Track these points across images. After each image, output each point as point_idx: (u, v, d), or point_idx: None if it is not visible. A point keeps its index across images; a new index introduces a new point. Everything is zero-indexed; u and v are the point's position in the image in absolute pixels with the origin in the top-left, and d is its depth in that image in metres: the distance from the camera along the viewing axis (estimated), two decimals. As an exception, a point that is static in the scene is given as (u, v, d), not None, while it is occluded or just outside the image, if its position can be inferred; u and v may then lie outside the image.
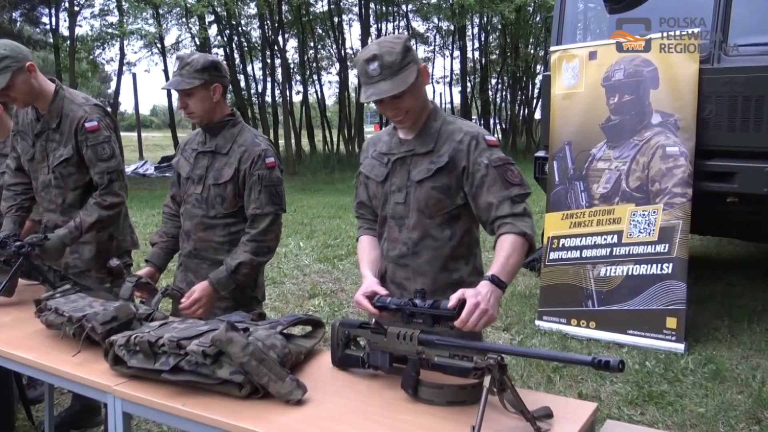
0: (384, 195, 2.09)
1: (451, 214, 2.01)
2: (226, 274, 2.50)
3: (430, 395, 1.69)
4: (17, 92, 2.70)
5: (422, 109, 2.02)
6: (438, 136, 2.00)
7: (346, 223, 9.90)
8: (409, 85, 1.89)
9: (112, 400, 1.89)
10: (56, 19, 19.84)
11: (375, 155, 2.15)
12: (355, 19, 25.06)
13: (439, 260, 2.03)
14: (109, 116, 2.93)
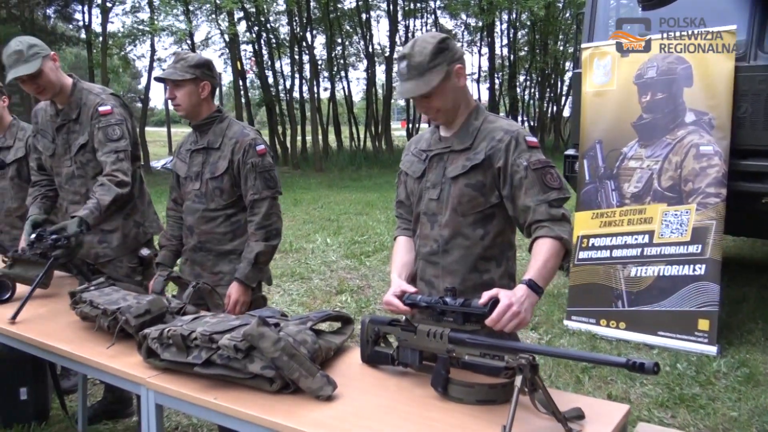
0: (419, 191, 2.08)
1: (485, 214, 1.98)
2: (249, 267, 2.60)
3: (460, 394, 1.68)
4: (45, 80, 2.78)
5: (454, 108, 1.99)
6: (477, 133, 1.98)
7: (373, 220, 9.91)
8: (432, 88, 1.87)
9: (146, 392, 1.92)
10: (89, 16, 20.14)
11: (415, 152, 2.14)
12: (383, 15, 25.07)
13: (470, 260, 2.00)
14: (125, 107, 2.99)
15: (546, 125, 27.64)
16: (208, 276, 2.70)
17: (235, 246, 2.68)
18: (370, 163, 21.10)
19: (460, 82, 1.97)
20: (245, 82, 22.63)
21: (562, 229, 1.85)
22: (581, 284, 4.90)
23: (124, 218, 3.01)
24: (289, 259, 7.19)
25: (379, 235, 8.62)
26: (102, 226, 2.90)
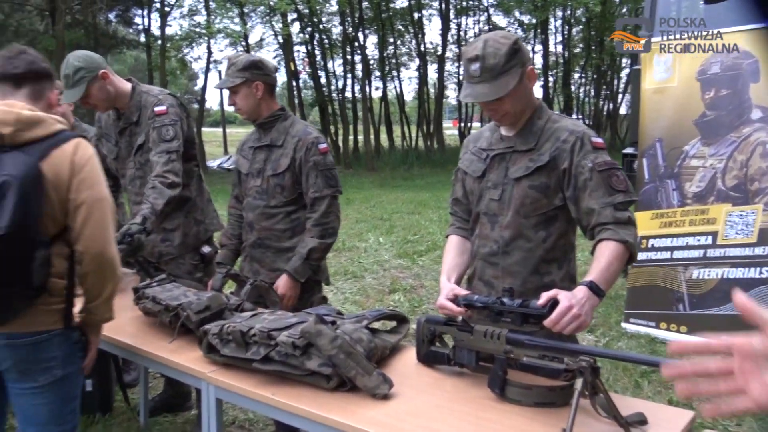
0: (479, 191, 2.04)
1: (548, 215, 1.94)
2: (300, 262, 2.63)
3: (518, 395, 1.67)
4: (95, 99, 2.86)
5: (523, 110, 1.95)
6: (541, 134, 1.94)
7: (426, 219, 9.89)
8: (507, 91, 1.83)
9: (206, 386, 1.97)
10: (148, 20, 20.74)
11: (475, 151, 2.10)
12: (435, 14, 24.95)
13: (531, 262, 1.96)
14: (182, 107, 3.04)
15: (602, 123, 27.03)
16: (266, 273, 2.74)
17: (293, 243, 2.71)
18: (421, 163, 21.05)
19: (532, 84, 1.93)
20: (298, 83, 22.91)
21: (627, 232, 1.80)
22: (640, 286, 4.78)
23: (185, 216, 3.08)
24: (342, 257, 7.24)
25: (431, 235, 8.60)
26: (164, 225, 2.98)
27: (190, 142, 3.04)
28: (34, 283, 1.75)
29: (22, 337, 1.83)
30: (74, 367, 1.98)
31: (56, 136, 1.84)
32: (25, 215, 1.68)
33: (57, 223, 1.83)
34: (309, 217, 2.67)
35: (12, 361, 1.86)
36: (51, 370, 1.89)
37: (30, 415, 1.92)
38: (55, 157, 1.80)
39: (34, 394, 1.89)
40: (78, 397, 2.04)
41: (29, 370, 1.87)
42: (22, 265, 1.72)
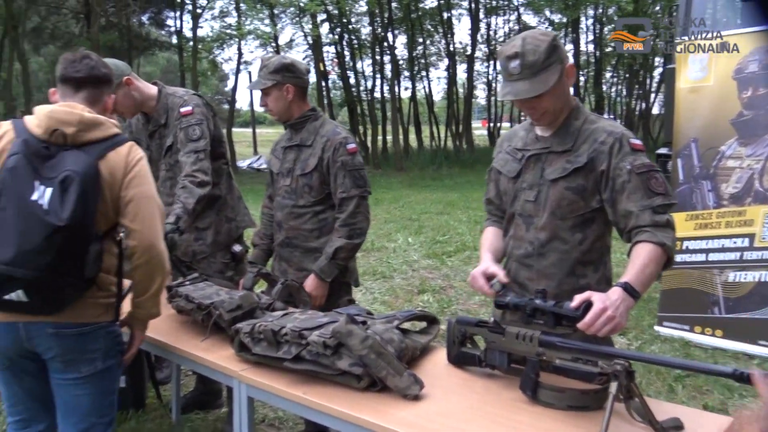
0: (514, 192, 2.02)
1: (584, 218, 1.91)
2: (326, 261, 2.63)
3: (551, 398, 1.65)
4: (120, 105, 2.89)
5: (561, 108, 1.92)
6: (578, 135, 1.91)
7: (455, 220, 9.85)
8: (548, 88, 1.81)
9: (238, 385, 1.99)
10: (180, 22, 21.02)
11: (509, 150, 2.08)
12: (464, 14, 24.86)
13: (567, 264, 1.93)
14: (208, 106, 3.06)
15: (634, 123, 26.65)
16: (293, 272, 2.75)
17: (321, 243, 2.71)
18: (450, 163, 20.99)
19: (570, 82, 1.91)
20: (327, 83, 23.00)
21: (666, 235, 1.77)
22: (674, 289, 4.69)
23: (216, 214, 3.11)
24: (371, 257, 7.24)
25: (460, 235, 8.56)
26: (196, 224, 3.01)
27: (217, 141, 3.06)
28: (86, 275, 1.83)
29: (69, 328, 1.90)
30: (114, 360, 2.05)
31: (113, 139, 1.94)
32: (83, 210, 1.78)
33: (108, 220, 1.93)
34: (337, 217, 2.67)
35: (58, 351, 1.92)
36: (93, 361, 1.97)
37: (71, 405, 1.98)
38: (111, 157, 1.91)
39: (76, 385, 1.96)
40: (116, 392, 2.11)
41: (73, 360, 1.94)
42: (77, 257, 1.80)
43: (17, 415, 2.06)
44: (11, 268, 1.72)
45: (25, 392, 2.03)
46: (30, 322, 1.87)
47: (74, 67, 1.99)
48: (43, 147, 1.83)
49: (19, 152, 1.80)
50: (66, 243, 1.75)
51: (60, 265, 1.76)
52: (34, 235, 1.73)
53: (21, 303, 1.78)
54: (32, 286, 1.75)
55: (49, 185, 1.76)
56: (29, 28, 20.40)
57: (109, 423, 2.08)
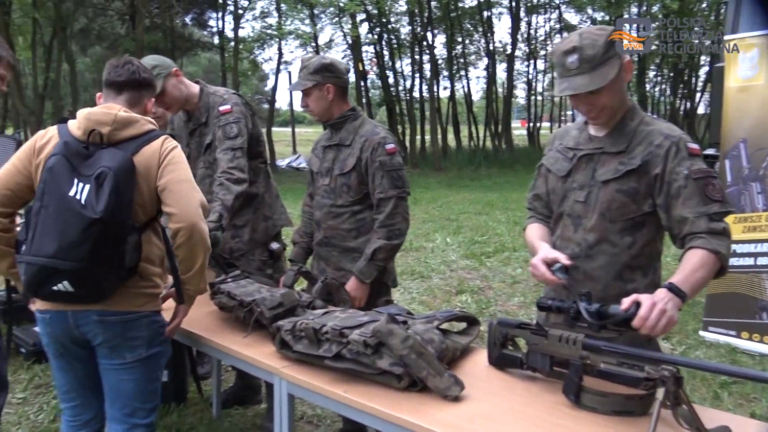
0: (563, 191, 1.98)
1: (635, 221, 1.86)
2: (365, 262, 2.63)
3: (594, 403, 1.62)
4: (170, 97, 2.94)
5: (620, 106, 1.88)
6: (633, 136, 1.86)
7: (494, 220, 9.78)
8: (608, 81, 1.77)
9: (278, 381, 2.00)
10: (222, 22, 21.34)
11: (560, 148, 2.04)
12: (504, 13, 24.66)
13: (615, 267, 1.89)
14: (247, 105, 3.09)
15: (678, 123, 26.05)
16: (332, 272, 2.75)
17: (359, 244, 2.71)
18: (489, 163, 20.85)
19: (628, 77, 1.87)
20: (366, 83, 23.07)
21: (721, 243, 1.72)
22: (721, 293, 4.57)
23: (253, 212, 3.14)
24: (409, 257, 7.24)
25: (499, 236, 8.50)
26: (234, 222, 3.04)
27: (255, 140, 3.09)
28: (126, 264, 1.93)
29: (113, 315, 2.01)
30: (158, 348, 2.14)
31: (147, 135, 2.04)
32: (118, 202, 1.86)
33: (147, 212, 2.03)
34: (375, 218, 2.67)
35: (104, 337, 2.03)
36: (137, 348, 2.07)
37: (116, 390, 2.10)
38: (146, 151, 2.00)
39: (121, 370, 2.07)
40: (160, 379, 2.21)
41: (118, 346, 2.05)
42: (115, 248, 1.90)
43: (69, 402, 2.19)
44: (55, 260, 1.84)
45: (77, 380, 2.15)
46: (77, 310, 1.99)
47: (117, 72, 2.12)
48: (83, 147, 1.95)
49: (58, 153, 1.92)
50: (102, 234, 1.85)
51: (99, 256, 1.86)
52: (72, 228, 1.84)
53: (68, 293, 1.89)
54: (76, 277, 1.87)
55: (86, 182, 1.87)
56: (77, 30, 20.94)
57: (152, 409, 2.17)
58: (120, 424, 2.11)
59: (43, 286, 1.89)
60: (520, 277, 6.35)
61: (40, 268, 1.87)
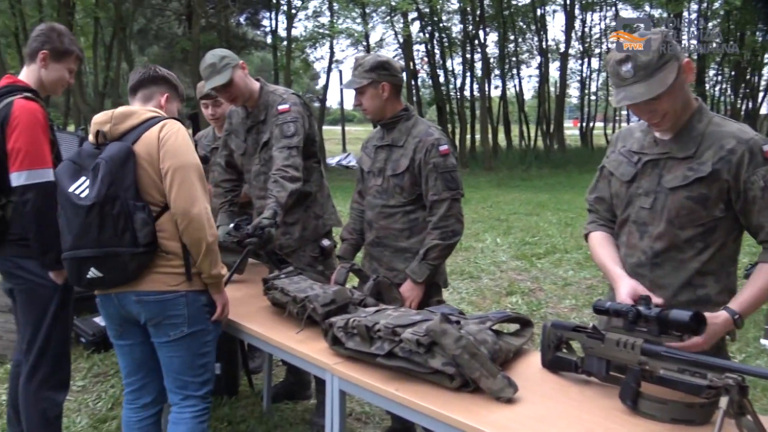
0: (628, 197, 1.91)
1: (706, 227, 1.79)
2: (417, 262, 2.62)
3: (652, 410, 1.58)
4: (236, 89, 2.98)
5: (683, 109, 1.80)
6: (701, 139, 1.78)
7: (545, 221, 9.65)
8: (666, 87, 1.69)
9: (331, 378, 2.02)
10: (275, 22, 21.63)
11: (624, 151, 1.96)
12: (558, 10, 24.30)
13: (684, 274, 1.82)
14: (305, 105, 3.11)
15: (739, 123, 25.22)
16: (384, 272, 2.74)
17: (411, 244, 2.71)
18: (540, 163, 20.57)
19: (690, 79, 1.77)
20: (416, 82, 23.05)
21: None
22: (783, 300, 4.39)
23: (305, 211, 3.16)
24: (459, 257, 7.20)
25: (550, 237, 8.37)
26: (285, 219, 3.07)
27: (310, 140, 3.11)
28: (140, 241, 2.05)
29: (149, 295, 2.14)
30: (201, 326, 2.24)
31: (147, 122, 2.16)
32: (110, 186, 2.00)
33: (162, 191, 2.13)
34: (429, 220, 2.65)
35: (146, 316, 2.18)
36: (178, 326, 2.19)
37: (166, 365, 2.26)
38: (145, 137, 2.12)
39: (167, 346, 2.22)
40: (209, 354, 2.31)
41: (160, 324, 2.18)
42: (123, 228, 2.02)
43: (130, 385, 2.36)
44: (75, 251, 2.04)
45: (135, 361, 2.32)
46: (119, 292, 2.14)
47: (131, 79, 2.35)
48: (95, 149, 2.13)
49: (67, 159, 2.15)
50: (102, 218, 2.00)
51: (108, 238, 2.02)
52: (75, 219, 2.03)
53: (100, 278, 2.08)
54: (98, 262, 2.04)
55: (87, 176, 2.06)
56: (136, 30, 21.55)
57: (204, 382, 2.30)
58: (175, 395, 2.28)
59: (79, 276, 2.09)
60: (572, 279, 6.24)
61: (69, 261, 2.09)
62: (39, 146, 2.42)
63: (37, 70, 2.58)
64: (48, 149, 2.45)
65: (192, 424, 2.26)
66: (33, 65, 2.59)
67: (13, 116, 2.40)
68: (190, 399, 2.27)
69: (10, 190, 2.42)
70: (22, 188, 2.37)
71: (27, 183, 2.37)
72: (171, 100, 2.37)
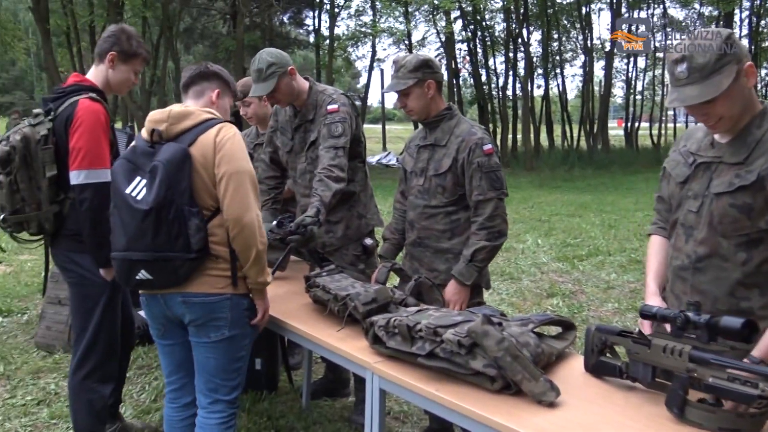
0: (680, 198, 1.89)
1: (751, 237, 1.73)
2: (464, 264, 2.59)
3: (700, 418, 1.53)
4: (281, 94, 3.01)
5: (741, 114, 1.74)
6: (756, 146, 1.72)
7: (587, 223, 9.50)
8: (721, 92, 1.64)
9: (371, 376, 2.02)
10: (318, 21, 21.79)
11: (683, 151, 1.94)
12: (604, 8, 23.92)
13: (726, 283, 1.77)
14: (353, 106, 3.12)
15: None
16: (425, 272, 2.73)
17: (452, 245, 2.69)
18: (583, 164, 20.25)
19: (751, 82, 1.71)
20: (458, 80, 22.94)
21: None
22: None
23: (348, 210, 3.17)
24: (499, 258, 7.13)
25: (593, 239, 8.24)
26: (328, 218, 3.08)
27: (357, 141, 3.12)
28: (192, 247, 2.05)
29: (195, 297, 2.14)
30: (241, 330, 2.24)
31: (204, 124, 2.14)
32: (168, 191, 1.99)
33: (214, 196, 2.12)
34: (474, 220, 2.62)
35: (190, 317, 2.17)
36: (221, 329, 2.19)
37: (202, 365, 2.25)
38: (202, 140, 2.10)
39: (206, 347, 2.21)
40: (244, 360, 2.31)
41: (203, 326, 2.18)
42: (177, 233, 2.01)
43: (171, 384, 2.37)
44: (127, 253, 2.04)
45: (177, 362, 2.33)
46: (165, 293, 2.14)
47: (184, 77, 2.35)
48: (149, 147, 2.10)
49: (122, 156, 2.13)
50: (158, 223, 1.98)
51: (163, 243, 2.00)
52: (131, 222, 2.01)
53: (149, 280, 2.07)
54: (150, 266, 2.03)
55: (144, 177, 2.04)
56: (182, 29, 21.97)
57: (235, 387, 2.29)
58: (204, 397, 2.27)
59: (129, 277, 2.09)
60: (615, 282, 6.14)
61: (119, 261, 2.08)
62: (99, 146, 2.50)
63: (104, 70, 2.68)
64: (108, 150, 2.54)
65: (218, 430, 2.25)
66: (101, 65, 2.69)
67: (76, 116, 2.49)
68: (219, 404, 2.25)
69: (69, 187, 2.50)
70: (80, 187, 2.45)
71: (85, 182, 2.45)
72: (222, 96, 2.36)
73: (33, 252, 7.12)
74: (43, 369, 3.93)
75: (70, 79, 2.71)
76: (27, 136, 2.51)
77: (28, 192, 2.54)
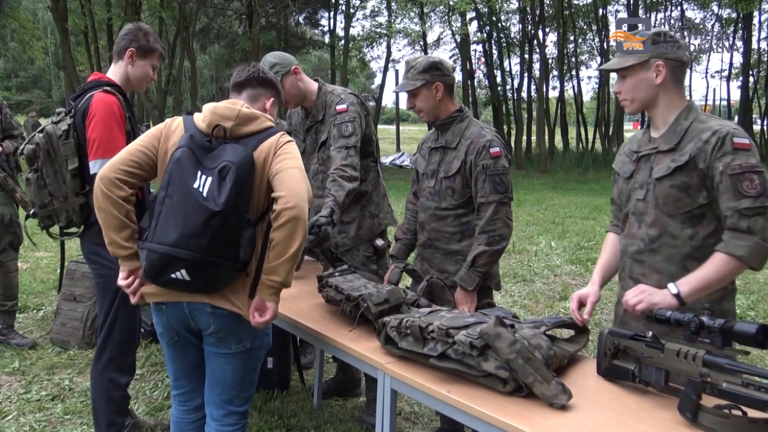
0: (628, 192, 2.11)
1: (692, 213, 1.94)
2: (466, 270, 2.59)
3: (713, 423, 1.53)
4: (287, 94, 3.02)
5: (646, 101, 2.03)
6: (684, 134, 1.96)
7: (601, 225, 9.44)
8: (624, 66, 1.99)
9: (382, 376, 2.03)
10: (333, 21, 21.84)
11: (627, 152, 2.18)
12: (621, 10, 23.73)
13: (678, 259, 1.96)
14: (362, 105, 3.13)
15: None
16: (435, 274, 2.73)
17: (462, 247, 2.68)
18: (598, 166, 20.14)
19: (657, 80, 1.97)
20: (473, 82, 22.89)
21: (741, 243, 1.80)
22: None
23: (361, 210, 3.19)
24: (512, 260, 7.12)
25: (607, 242, 8.18)
26: (341, 218, 3.10)
27: (367, 140, 3.13)
28: (240, 258, 1.97)
29: (224, 309, 2.04)
30: (260, 341, 2.18)
31: (267, 131, 2.09)
32: (237, 196, 1.91)
33: (259, 207, 2.05)
34: (476, 223, 2.62)
35: (214, 328, 2.08)
36: (243, 341, 2.12)
37: (218, 376, 2.16)
38: (263, 147, 2.04)
39: (225, 359, 2.13)
40: (257, 371, 2.26)
41: (226, 338, 2.10)
42: (232, 241, 1.94)
43: (180, 389, 2.29)
44: (176, 249, 1.89)
45: (187, 367, 2.25)
46: (193, 302, 2.05)
47: (239, 74, 2.27)
48: (207, 140, 2.00)
49: (184, 145, 1.97)
50: (221, 227, 1.89)
51: (217, 248, 1.90)
52: (194, 219, 1.88)
53: (185, 281, 1.94)
54: (193, 267, 1.91)
55: (209, 174, 1.92)
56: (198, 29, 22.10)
57: (248, 398, 2.24)
58: (217, 409, 2.18)
59: (163, 273, 1.94)
60: (629, 285, 6.08)
61: (161, 255, 1.91)
62: (113, 136, 2.56)
63: (124, 66, 2.75)
64: (122, 140, 2.57)
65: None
66: (120, 62, 2.75)
67: (91, 108, 2.57)
68: (232, 416, 2.18)
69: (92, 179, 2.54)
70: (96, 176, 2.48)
71: None
72: (274, 105, 2.33)
73: (49, 249, 7.21)
74: (57, 365, 3.97)
75: (91, 78, 2.78)
76: (49, 133, 2.62)
77: (55, 185, 2.64)
